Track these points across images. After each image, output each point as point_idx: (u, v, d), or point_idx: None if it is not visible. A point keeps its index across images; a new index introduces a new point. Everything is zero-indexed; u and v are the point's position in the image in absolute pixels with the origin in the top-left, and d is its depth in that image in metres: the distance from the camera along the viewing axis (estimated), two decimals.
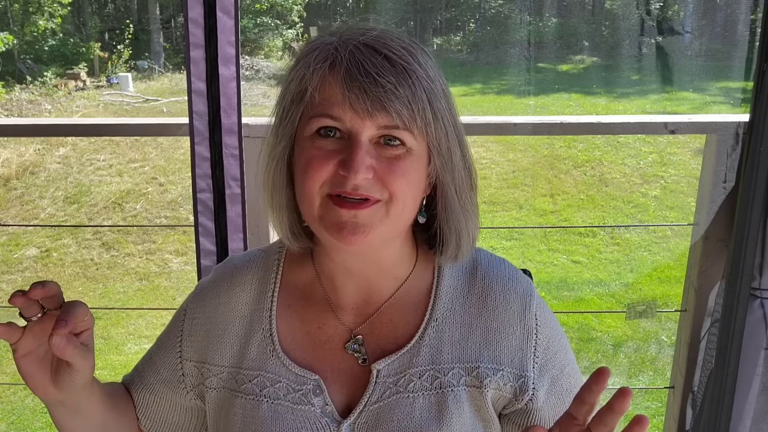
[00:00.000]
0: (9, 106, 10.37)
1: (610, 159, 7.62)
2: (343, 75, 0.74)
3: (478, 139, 7.90)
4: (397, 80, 0.73)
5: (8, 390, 4.18)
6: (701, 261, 1.59)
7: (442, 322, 0.86)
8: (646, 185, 7.16)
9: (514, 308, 0.86)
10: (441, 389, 0.83)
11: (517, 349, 0.85)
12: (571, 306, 5.19)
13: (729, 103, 9.81)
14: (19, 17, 12.82)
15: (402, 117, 0.74)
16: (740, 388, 1.47)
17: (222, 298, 0.91)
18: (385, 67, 0.74)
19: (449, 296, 0.87)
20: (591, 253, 6.04)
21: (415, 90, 0.74)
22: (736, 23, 13.11)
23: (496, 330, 0.86)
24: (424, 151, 0.79)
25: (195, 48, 1.38)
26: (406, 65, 0.75)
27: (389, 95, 0.73)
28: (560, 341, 0.89)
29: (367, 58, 0.74)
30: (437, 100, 0.77)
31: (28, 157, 7.92)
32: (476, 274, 0.89)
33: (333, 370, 0.86)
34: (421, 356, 0.84)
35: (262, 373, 0.86)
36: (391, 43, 0.76)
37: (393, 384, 0.84)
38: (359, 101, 0.73)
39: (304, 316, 0.89)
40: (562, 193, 7.15)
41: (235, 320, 0.90)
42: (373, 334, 0.87)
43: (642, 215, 6.69)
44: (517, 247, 6.19)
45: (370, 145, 0.76)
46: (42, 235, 6.59)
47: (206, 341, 0.90)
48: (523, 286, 0.89)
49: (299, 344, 0.87)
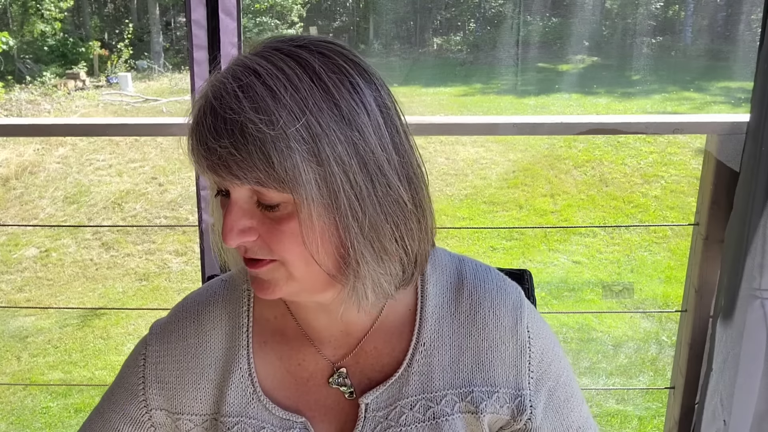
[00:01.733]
0: (8, 106, 10.37)
1: (610, 159, 7.62)
2: (190, 144, 0.66)
3: (478, 139, 7.91)
4: (231, 142, 0.62)
5: (8, 390, 4.18)
6: (701, 261, 1.59)
7: (431, 346, 0.79)
8: (647, 185, 7.16)
9: (506, 323, 0.80)
10: (435, 419, 0.78)
11: (511, 367, 0.80)
12: (571, 306, 5.19)
13: (730, 103, 9.82)
14: (18, 17, 12.82)
15: (248, 181, 0.63)
16: (740, 388, 1.47)
17: (191, 339, 0.82)
18: (219, 129, 0.63)
19: (435, 317, 0.80)
20: (591, 253, 6.04)
21: (249, 147, 0.62)
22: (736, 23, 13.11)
23: (488, 349, 0.79)
24: (318, 198, 0.65)
25: (198, 49, 1.41)
26: (236, 117, 0.62)
27: (226, 161, 0.63)
28: (554, 350, 0.84)
29: (207, 120, 0.64)
30: (287, 151, 0.62)
31: (27, 157, 7.92)
32: (462, 289, 0.81)
33: (319, 408, 0.80)
34: (410, 385, 0.78)
35: (243, 419, 0.79)
36: (228, 89, 0.63)
37: (384, 418, 0.78)
38: (204, 170, 0.66)
39: (281, 353, 0.81)
40: (562, 193, 7.15)
41: (209, 362, 0.81)
42: (357, 365, 0.80)
43: (642, 215, 6.69)
44: (517, 247, 6.19)
45: (251, 203, 0.67)
46: (41, 235, 6.59)
47: (179, 388, 0.81)
48: (513, 298, 0.82)
49: (281, 384, 0.81)
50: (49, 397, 4.11)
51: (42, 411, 3.97)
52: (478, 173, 7.47)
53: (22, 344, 4.88)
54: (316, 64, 0.65)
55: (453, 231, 6.27)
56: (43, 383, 4.41)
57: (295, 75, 0.64)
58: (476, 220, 6.69)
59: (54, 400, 4.07)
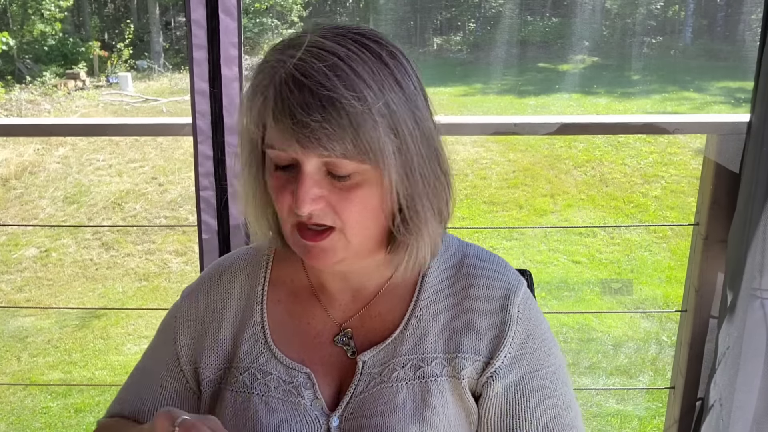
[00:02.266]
0: (8, 106, 10.37)
1: (610, 159, 7.62)
2: (271, 117, 0.73)
3: (478, 139, 7.91)
4: (323, 116, 0.70)
5: (8, 390, 4.18)
6: (701, 261, 1.59)
7: (426, 312, 0.87)
8: (647, 185, 7.16)
9: (496, 298, 0.86)
10: (424, 378, 0.84)
11: (494, 338, 0.85)
12: (571, 306, 5.19)
13: (729, 103, 9.81)
14: (18, 17, 12.82)
15: (335, 152, 0.71)
16: (740, 388, 1.47)
17: (213, 296, 0.92)
18: (309, 103, 0.70)
19: (434, 287, 0.88)
20: (591, 253, 6.04)
21: (342, 121, 0.70)
22: (736, 23, 13.11)
23: (477, 318, 0.86)
24: (379, 173, 0.75)
25: (198, 49, 1.41)
26: (330, 94, 0.70)
27: (316, 134, 0.70)
28: (543, 341, 0.88)
29: (291, 97, 0.71)
30: (372, 126, 0.71)
31: (27, 157, 7.92)
32: (462, 266, 0.90)
33: (323, 364, 0.87)
34: (404, 346, 0.85)
35: (254, 366, 0.87)
36: (317, 66, 0.71)
37: (378, 374, 0.85)
38: (289, 144, 0.72)
39: (293, 312, 0.90)
40: (562, 193, 7.15)
41: (227, 317, 0.90)
42: (362, 327, 0.88)
43: (642, 215, 6.69)
44: (517, 247, 6.19)
45: (321, 173, 0.75)
46: (41, 235, 6.59)
47: (201, 341, 0.90)
48: (510, 280, 0.89)
49: (290, 339, 0.88)
50: (49, 397, 4.11)
51: (42, 411, 3.97)
52: (478, 173, 7.47)
53: (22, 344, 4.88)
54: (381, 50, 0.75)
55: (453, 231, 6.26)
56: (43, 383, 4.41)
57: (369, 59, 0.73)
58: (476, 220, 6.68)
59: (54, 400, 4.07)
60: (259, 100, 0.74)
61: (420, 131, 0.76)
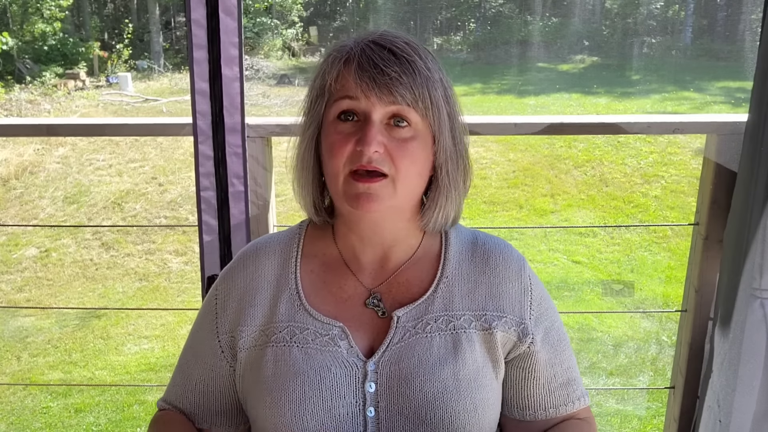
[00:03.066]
0: (8, 106, 10.37)
1: (610, 159, 7.63)
2: (355, 68, 0.89)
3: (478, 139, 7.91)
4: (401, 70, 0.88)
5: (8, 390, 4.18)
6: (701, 261, 1.59)
7: (452, 279, 0.99)
8: (647, 185, 7.17)
9: (512, 268, 1.01)
10: (455, 330, 0.96)
11: (516, 301, 0.99)
12: (571, 306, 5.19)
13: (730, 103, 9.81)
14: (18, 17, 12.82)
15: (405, 99, 0.89)
16: (740, 388, 1.47)
17: (249, 270, 1.01)
18: (390, 60, 0.89)
19: (456, 258, 1.01)
20: (591, 253, 6.04)
21: (416, 78, 0.89)
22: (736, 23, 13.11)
23: (498, 284, 0.99)
24: (429, 134, 0.93)
25: (198, 49, 1.41)
26: (408, 57, 0.89)
27: (394, 82, 0.88)
28: (549, 302, 1.04)
29: (375, 53, 0.89)
30: (434, 88, 0.91)
31: (27, 157, 7.92)
32: (477, 243, 1.04)
33: (355, 322, 0.97)
34: (435, 305, 0.97)
35: (291, 323, 0.96)
36: (396, 41, 0.91)
37: (412, 327, 0.96)
38: (369, 88, 0.88)
39: (326, 279, 1.00)
40: (562, 193, 7.15)
41: (263, 286, 1.00)
42: (390, 292, 0.99)
43: (642, 215, 6.69)
44: (517, 247, 6.09)
45: (382, 125, 0.90)
46: (41, 235, 6.59)
47: (238, 310, 0.99)
48: (517, 254, 1.05)
49: (323, 300, 0.98)
50: (49, 397, 4.11)
51: (42, 411, 3.97)
52: (478, 173, 7.47)
53: (22, 344, 4.88)
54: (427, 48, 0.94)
55: None
56: (43, 383, 4.41)
57: (425, 50, 0.94)
58: (476, 220, 6.69)
59: (54, 400, 4.07)
60: (342, 59, 0.91)
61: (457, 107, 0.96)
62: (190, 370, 1.03)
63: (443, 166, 0.95)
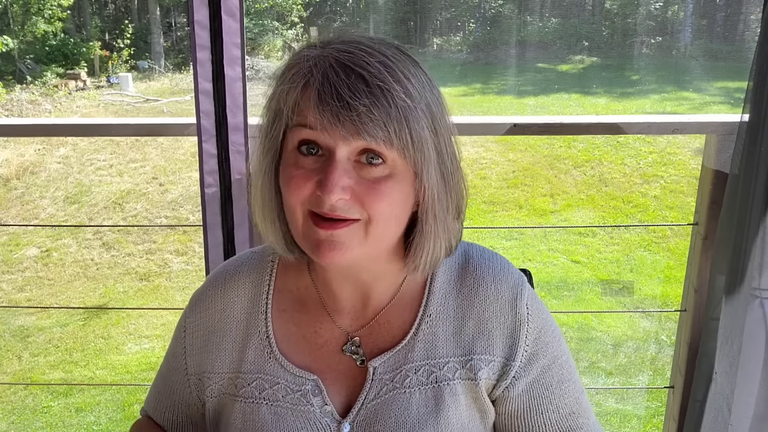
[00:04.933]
0: (9, 106, 10.37)
1: (609, 159, 7.63)
2: (315, 98, 0.72)
3: (478, 140, 7.92)
4: (371, 101, 0.70)
5: (8, 390, 4.19)
6: (700, 261, 1.59)
7: (436, 318, 0.86)
8: (646, 185, 7.17)
9: (505, 297, 0.86)
10: (437, 383, 0.84)
11: (508, 337, 0.85)
12: (571, 306, 5.19)
13: (729, 103, 9.82)
14: (19, 17, 12.82)
15: (377, 139, 0.71)
16: (740, 388, 1.47)
17: (217, 305, 0.91)
18: (358, 89, 0.70)
19: (443, 291, 0.87)
20: (591, 253, 6.05)
21: (391, 111, 0.71)
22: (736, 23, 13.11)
23: (488, 319, 0.86)
24: (409, 168, 0.76)
25: (201, 50, 1.43)
26: (383, 85, 0.71)
27: (363, 118, 0.70)
28: (553, 332, 0.89)
29: (340, 80, 0.71)
30: (417, 121, 0.73)
31: (28, 157, 7.92)
32: (468, 266, 0.89)
33: (331, 372, 0.86)
34: (416, 352, 0.85)
35: (261, 375, 0.86)
36: (369, 59, 0.72)
37: (389, 381, 0.84)
38: (332, 124, 0.71)
39: (299, 321, 0.88)
40: (562, 193, 7.16)
41: (231, 326, 0.89)
42: (370, 336, 0.87)
43: (642, 215, 6.70)
44: (517, 247, 6.20)
45: (350, 163, 0.74)
46: (42, 235, 6.60)
47: (205, 350, 0.90)
48: (515, 277, 0.89)
49: (296, 347, 0.87)
50: (50, 396, 4.12)
51: (43, 410, 3.98)
52: (478, 173, 7.47)
53: (23, 344, 4.88)
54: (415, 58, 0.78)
55: None
56: (44, 383, 4.42)
57: (410, 63, 0.76)
58: (476, 220, 6.69)
59: (55, 399, 4.08)
60: (300, 84, 0.73)
61: (447, 131, 0.80)
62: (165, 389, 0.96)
63: (429, 208, 0.78)
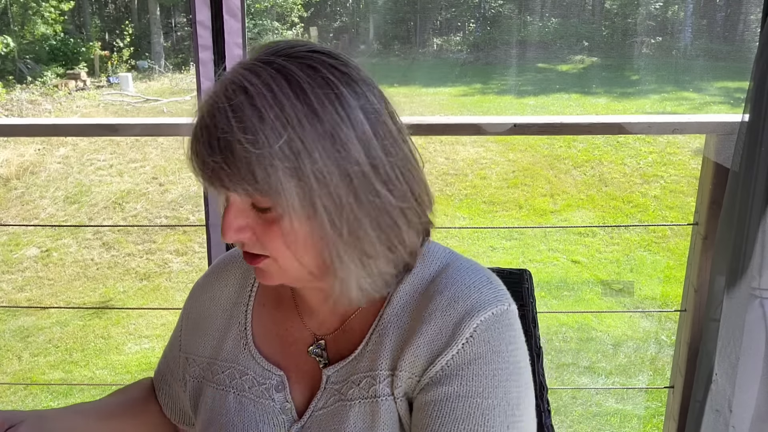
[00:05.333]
0: (9, 106, 10.38)
1: (609, 159, 7.63)
2: (190, 150, 0.72)
3: (478, 139, 7.92)
4: (221, 157, 0.68)
5: (9, 389, 4.19)
6: (700, 261, 1.59)
7: (387, 328, 0.80)
8: (646, 185, 7.17)
9: (453, 316, 0.76)
10: (375, 398, 0.79)
11: (435, 353, 0.76)
12: (571, 306, 5.20)
13: (729, 103, 9.82)
14: (19, 18, 12.83)
15: (237, 191, 0.70)
16: (740, 387, 1.48)
17: (208, 293, 0.95)
18: (209, 144, 0.68)
19: (402, 302, 0.81)
20: (590, 253, 6.05)
21: (237, 164, 0.67)
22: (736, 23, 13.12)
23: (425, 334, 0.77)
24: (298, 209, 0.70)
25: (203, 50, 1.44)
26: (226, 137, 0.67)
27: (218, 173, 0.69)
28: (496, 372, 0.75)
29: (200, 133, 0.70)
30: (270, 170, 0.67)
31: (28, 157, 7.93)
32: (437, 279, 0.81)
33: (297, 371, 0.86)
34: (363, 363, 0.81)
35: (234, 365, 0.88)
36: (219, 107, 0.69)
37: (338, 391, 0.82)
38: (203, 179, 0.72)
39: (275, 317, 0.90)
40: (562, 193, 7.16)
41: (218, 314, 0.93)
42: (336, 341, 0.85)
43: (642, 215, 6.70)
44: (517, 247, 6.20)
45: (246, 204, 0.73)
46: (42, 235, 6.60)
47: (195, 333, 0.94)
48: (482, 299, 0.77)
49: (269, 342, 0.89)
50: (50, 396, 4.12)
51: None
52: (478, 173, 7.48)
53: (23, 344, 4.89)
54: (304, 80, 0.69)
55: (453, 231, 6.28)
56: (43, 383, 4.42)
57: (282, 93, 0.68)
58: (476, 220, 6.69)
59: (55, 399, 4.08)
60: (191, 138, 0.73)
61: (340, 169, 0.69)
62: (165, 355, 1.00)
63: (328, 248, 0.72)
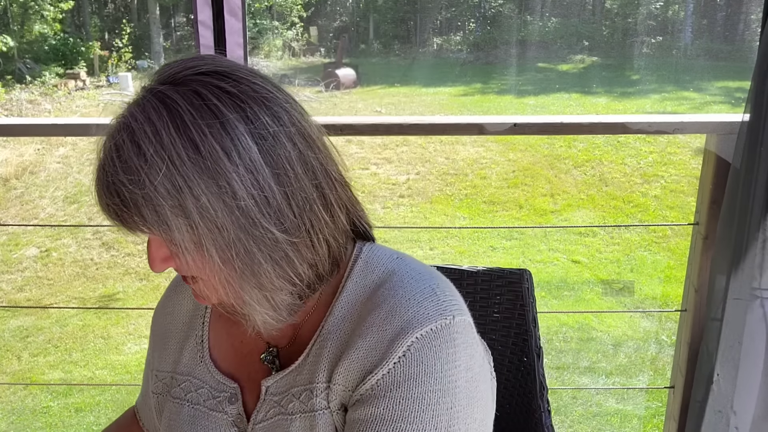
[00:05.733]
0: (9, 106, 10.38)
1: (610, 159, 7.63)
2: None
3: (478, 139, 7.92)
4: (119, 200, 0.67)
5: (8, 390, 4.19)
6: (701, 261, 1.59)
7: (326, 338, 0.77)
8: (647, 185, 7.17)
9: (389, 331, 0.71)
10: (313, 411, 0.76)
11: (364, 371, 0.72)
12: (571, 305, 5.20)
13: (729, 103, 9.83)
14: (19, 18, 12.83)
15: (135, 230, 0.69)
16: (740, 388, 1.47)
17: (168, 308, 0.96)
18: (107, 187, 0.68)
19: (344, 311, 0.77)
20: (591, 253, 6.05)
21: (126, 205, 0.67)
22: (736, 23, 13.13)
23: (361, 349, 0.73)
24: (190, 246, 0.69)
25: (205, 49, 1.45)
26: (111, 180, 0.67)
27: (113, 215, 0.69)
28: (424, 397, 0.70)
29: (97, 175, 0.71)
30: (155, 209, 0.65)
31: (28, 157, 7.93)
32: (379, 289, 0.76)
33: (250, 381, 0.84)
34: (302, 375, 0.78)
35: (190, 378, 0.88)
36: (107, 146, 0.69)
37: (277, 403, 0.79)
38: (109, 221, 0.72)
39: (230, 329, 0.89)
40: (562, 193, 7.16)
41: (177, 328, 0.93)
42: (287, 350, 0.83)
43: (642, 215, 6.70)
44: (517, 247, 6.20)
45: None
46: (42, 235, 6.60)
47: (159, 349, 0.94)
48: (421, 314, 0.72)
49: (225, 354, 0.88)
50: (50, 396, 4.11)
51: (42, 411, 3.97)
52: (478, 173, 7.48)
53: (22, 344, 4.88)
54: (185, 111, 0.65)
55: (453, 231, 6.28)
56: (43, 383, 4.42)
57: (163, 126, 0.65)
58: (476, 220, 6.69)
59: (54, 399, 4.08)
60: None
61: (224, 204, 0.66)
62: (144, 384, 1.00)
63: (227, 283, 0.70)
